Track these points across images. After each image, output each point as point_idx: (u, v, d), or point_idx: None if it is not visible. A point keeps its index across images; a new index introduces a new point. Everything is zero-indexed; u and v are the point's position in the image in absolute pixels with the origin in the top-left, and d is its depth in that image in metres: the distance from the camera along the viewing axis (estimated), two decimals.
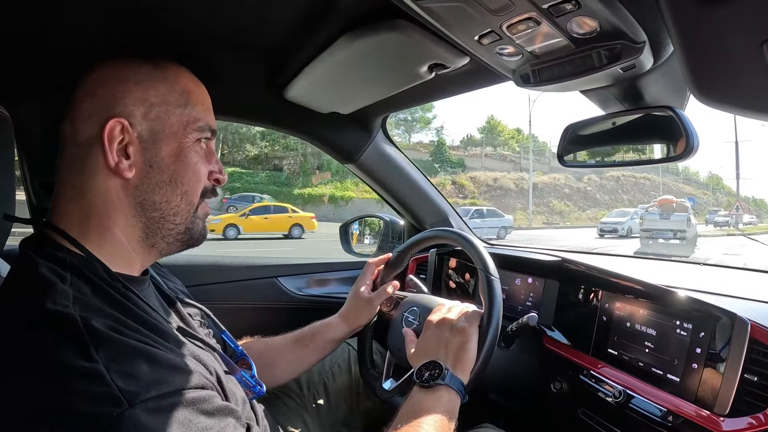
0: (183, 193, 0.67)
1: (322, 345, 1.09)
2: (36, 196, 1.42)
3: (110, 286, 0.59)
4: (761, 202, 58.68)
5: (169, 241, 0.69)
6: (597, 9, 0.59)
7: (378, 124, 1.45)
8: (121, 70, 0.66)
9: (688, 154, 0.82)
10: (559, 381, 1.10)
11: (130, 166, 0.63)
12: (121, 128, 0.62)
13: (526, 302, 1.28)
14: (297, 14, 0.83)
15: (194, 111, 0.68)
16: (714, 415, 0.77)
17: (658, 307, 0.94)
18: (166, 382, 0.51)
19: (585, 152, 1.01)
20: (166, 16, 0.81)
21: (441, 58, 0.86)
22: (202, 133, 0.69)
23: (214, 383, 0.60)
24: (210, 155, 0.72)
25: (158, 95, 0.66)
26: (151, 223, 0.66)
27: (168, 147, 0.66)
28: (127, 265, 0.66)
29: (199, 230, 0.72)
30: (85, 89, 0.65)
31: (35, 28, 0.81)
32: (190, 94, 0.69)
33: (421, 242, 1.24)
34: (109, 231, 0.64)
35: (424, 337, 0.93)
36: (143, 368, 0.50)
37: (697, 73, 0.59)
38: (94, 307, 0.54)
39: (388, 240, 1.78)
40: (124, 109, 0.63)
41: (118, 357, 0.50)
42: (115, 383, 0.47)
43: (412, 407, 0.77)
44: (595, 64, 0.70)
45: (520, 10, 0.61)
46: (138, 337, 0.54)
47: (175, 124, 0.66)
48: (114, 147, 0.62)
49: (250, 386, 0.80)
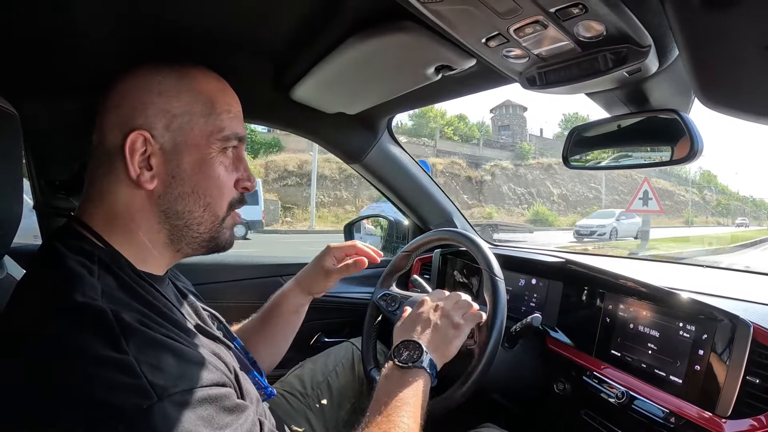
0: (206, 205, 0.67)
1: (285, 318, 1.08)
2: (42, 194, 1.43)
3: (135, 282, 0.60)
4: (761, 202, 56.07)
5: (194, 247, 0.70)
6: (603, 13, 0.60)
7: (384, 125, 1.45)
8: (146, 80, 0.66)
9: (692, 157, 0.82)
10: (562, 382, 1.10)
11: (152, 177, 0.64)
12: (143, 140, 0.63)
13: (530, 303, 1.28)
14: (304, 15, 0.83)
15: (218, 120, 0.68)
16: (716, 417, 0.78)
17: (661, 308, 0.95)
18: (192, 377, 0.52)
19: (590, 154, 1.02)
20: (174, 17, 0.81)
21: (448, 60, 0.87)
22: (228, 142, 0.69)
23: (232, 380, 0.61)
24: (238, 162, 0.72)
25: (181, 105, 0.66)
26: (175, 230, 0.67)
27: (190, 158, 0.66)
28: (151, 265, 0.67)
29: (226, 239, 0.72)
30: (111, 99, 0.66)
31: (45, 27, 0.81)
32: (215, 102, 0.68)
33: (425, 242, 1.25)
34: (134, 234, 0.65)
35: (416, 314, 0.92)
36: (170, 362, 0.51)
37: (702, 77, 0.59)
38: (121, 300, 0.55)
39: (393, 240, 1.78)
40: (146, 120, 0.64)
41: (147, 350, 0.51)
42: (145, 376, 0.48)
43: (388, 388, 0.76)
44: (601, 68, 0.71)
45: (527, 14, 0.61)
46: (163, 332, 0.54)
47: (198, 135, 0.66)
48: (136, 159, 0.63)
49: (261, 387, 0.81)
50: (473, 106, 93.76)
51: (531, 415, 1.27)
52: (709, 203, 50.24)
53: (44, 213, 1.46)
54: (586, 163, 1.02)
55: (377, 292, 1.25)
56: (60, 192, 1.44)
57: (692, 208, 44.92)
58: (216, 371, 0.57)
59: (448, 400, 0.96)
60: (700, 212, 46.90)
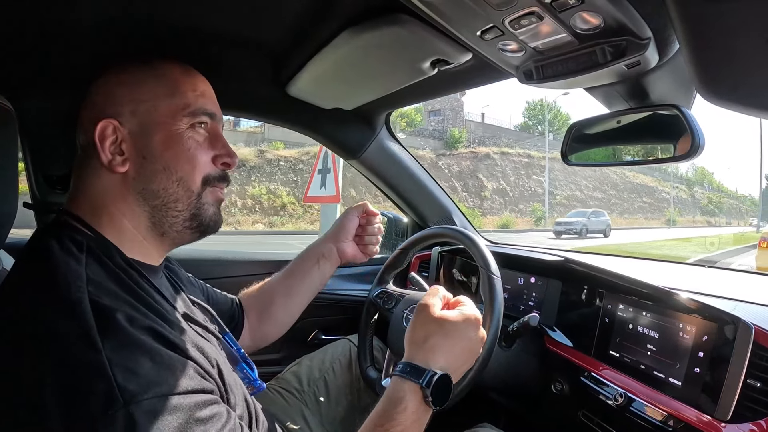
0: (179, 180, 0.68)
1: (308, 268, 1.12)
2: (39, 189, 1.43)
3: (124, 271, 0.61)
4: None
5: (178, 229, 0.70)
6: (600, 4, 0.58)
7: (382, 121, 1.44)
8: (115, 75, 0.70)
9: (693, 154, 0.80)
10: (560, 382, 1.09)
11: (124, 161, 0.66)
12: (113, 128, 0.66)
13: (529, 302, 1.27)
14: (299, 9, 0.82)
15: (183, 98, 0.69)
16: (715, 421, 0.76)
17: (661, 309, 0.93)
18: (167, 383, 0.51)
19: (589, 151, 1.00)
20: (169, 14, 0.82)
21: (443, 54, 0.86)
22: (195, 118, 0.70)
23: (215, 376, 0.61)
24: (215, 140, 0.73)
25: (146, 91, 0.68)
26: (155, 211, 0.68)
27: (158, 136, 0.67)
28: (141, 252, 0.68)
29: (209, 216, 0.72)
30: (87, 98, 0.70)
31: (41, 22, 0.81)
32: (178, 82, 0.70)
33: (423, 240, 1.24)
34: (118, 220, 0.67)
35: (443, 325, 0.74)
36: (146, 365, 0.50)
37: (704, 71, 0.58)
38: (107, 289, 0.56)
39: (391, 237, 1.77)
40: (114, 110, 0.67)
41: (123, 350, 0.50)
42: (115, 378, 0.47)
43: (396, 403, 0.68)
44: (600, 61, 0.69)
45: (522, 5, 0.60)
46: (147, 324, 0.54)
47: (163, 114, 0.68)
48: (106, 146, 0.65)
49: (251, 380, 0.80)
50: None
51: (528, 415, 1.25)
52: (699, 201, 47.73)
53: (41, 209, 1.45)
54: (585, 160, 1.00)
55: (374, 290, 1.25)
56: (57, 187, 1.44)
57: (678, 207, 42.38)
58: (195, 377, 0.55)
59: None
60: (688, 211, 44.26)
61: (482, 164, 29.46)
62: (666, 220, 37.93)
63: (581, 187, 34.72)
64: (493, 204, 28.17)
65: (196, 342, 0.62)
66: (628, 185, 38.87)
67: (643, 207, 38.53)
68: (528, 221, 28.05)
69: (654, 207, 39.64)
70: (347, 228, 1.14)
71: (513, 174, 30.77)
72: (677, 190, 45.18)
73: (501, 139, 33.75)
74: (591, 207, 29.62)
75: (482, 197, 27.82)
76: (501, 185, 29.52)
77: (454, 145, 29.66)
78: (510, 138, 34.83)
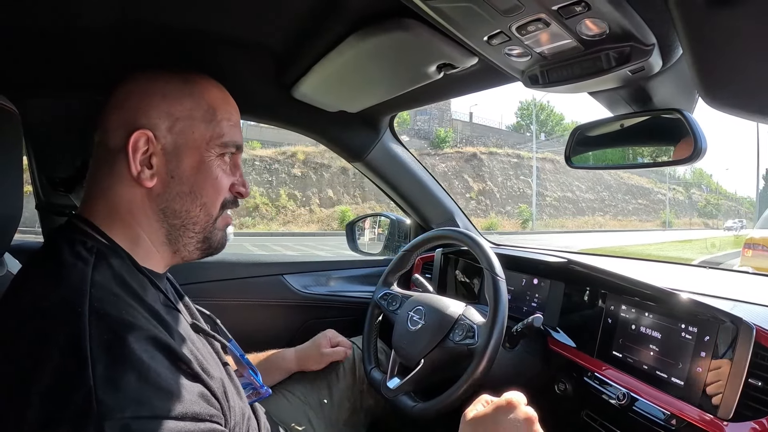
0: (202, 205, 0.69)
1: (273, 374, 1.16)
2: (43, 190, 1.43)
3: (133, 275, 0.61)
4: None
5: (190, 249, 0.71)
6: (606, 11, 0.59)
7: (386, 124, 1.45)
8: (151, 82, 0.68)
9: (696, 157, 0.81)
10: (563, 382, 1.10)
11: (152, 176, 0.66)
12: (146, 140, 0.65)
13: (532, 303, 1.28)
14: (305, 13, 0.83)
15: (219, 127, 0.70)
16: (717, 420, 0.77)
17: (664, 310, 0.94)
18: (149, 403, 0.48)
19: (593, 154, 1.01)
20: (175, 16, 0.82)
21: (449, 58, 0.86)
22: (226, 149, 0.71)
23: (218, 395, 0.59)
24: (235, 168, 0.74)
25: (184, 110, 0.68)
26: (173, 229, 0.69)
27: (190, 160, 0.68)
28: (152, 262, 0.68)
29: (218, 240, 0.74)
30: (115, 100, 0.68)
31: (45, 25, 0.82)
32: (216, 110, 0.70)
33: (427, 242, 1.25)
34: (135, 230, 0.67)
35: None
36: (131, 381, 0.48)
37: (706, 76, 0.59)
38: (112, 295, 0.55)
39: (395, 239, 1.78)
40: (149, 121, 0.66)
41: (111, 362, 0.48)
42: (95, 389, 0.46)
43: None
44: (604, 66, 0.70)
45: (529, 12, 0.60)
46: (149, 333, 0.53)
47: (198, 139, 0.68)
48: (138, 157, 0.65)
49: (256, 387, 0.81)
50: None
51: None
52: (696, 203, 47.07)
53: (46, 211, 1.46)
54: (588, 163, 1.01)
55: (378, 292, 1.25)
56: (60, 189, 1.44)
57: (674, 209, 41.39)
58: (191, 401, 0.52)
59: (448, 401, 0.96)
60: (684, 213, 43.36)
61: (468, 165, 28.99)
62: (661, 222, 37.39)
63: (573, 189, 34.08)
64: (479, 205, 27.54)
65: (202, 356, 0.62)
66: (623, 187, 38.31)
67: (638, 209, 37.93)
68: (515, 223, 27.31)
69: (649, 209, 39.09)
70: (314, 357, 1.20)
71: (501, 174, 30.20)
72: (674, 192, 44.36)
73: (489, 139, 33.04)
74: (585, 208, 28.93)
75: (467, 198, 27.16)
76: (488, 186, 28.90)
77: (440, 144, 29.51)
78: (500, 138, 34.11)
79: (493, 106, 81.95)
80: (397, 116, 1.48)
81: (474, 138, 32.76)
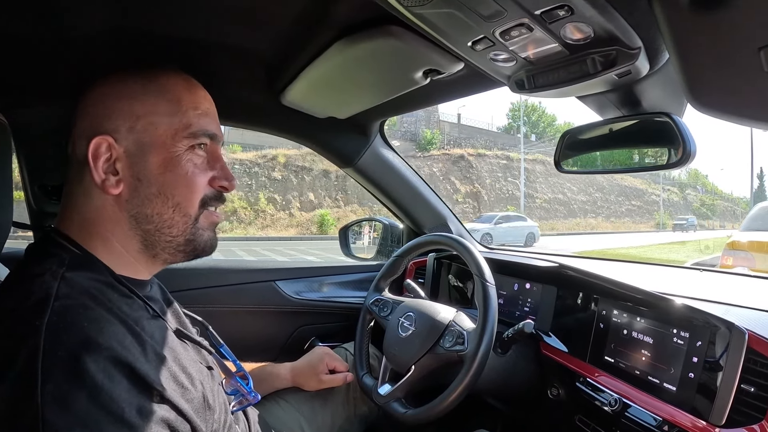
0: (175, 205, 0.65)
1: (265, 387, 1.11)
2: (35, 199, 1.43)
3: (111, 287, 0.60)
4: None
5: (171, 252, 0.68)
6: (590, 15, 0.58)
7: (376, 129, 1.44)
8: (112, 86, 0.66)
9: (685, 161, 0.81)
10: (556, 387, 1.09)
11: (118, 182, 0.63)
12: (107, 145, 0.63)
13: (524, 308, 1.27)
14: (292, 19, 0.82)
15: (185, 117, 0.66)
16: (710, 426, 0.76)
17: (656, 314, 0.93)
18: (96, 428, 0.46)
19: (582, 158, 1.01)
20: (163, 23, 0.81)
21: (435, 64, 0.86)
22: (196, 139, 0.67)
23: (188, 415, 0.57)
24: (214, 161, 0.70)
25: (145, 107, 0.65)
26: (147, 235, 0.66)
27: (156, 158, 0.64)
28: (131, 269, 0.66)
29: (205, 241, 0.70)
30: (82, 108, 0.66)
31: (35, 34, 0.81)
32: (180, 100, 0.67)
33: (417, 247, 1.25)
34: (109, 240, 0.64)
35: None
36: (80, 401, 0.46)
37: (693, 81, 0.58)
38: (77, 308, 0.53)
39: (387, 244, 1.77)
40: (110, 125, 0.63)
41: (62, 380, 0.46)
42: (42, 408, 0.44)
43: None
44: (590, 71, 0.69)
45: (512, 17, 0.60)
46: (112, 353, 0.51)
47: (163, 134, 0.65)
48: (99, 164, 0.62)
49: (244, 394, 0.80)
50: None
51: (525, 420, 1.25)
52: (692, 204, 46.35)
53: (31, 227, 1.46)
54: (578, 168, 1.01)
55: (370, 297, 1.25)
56: (53, 197, 1.44)
57: (669, 210, 40.88)
58: (134, 430, 0.49)
59: (439, 407, 0.95)
60: (679, 214, 41.75)
61: (455, 167, 28.27)
62: (656, 223, 36.97)
63: (564, 190, 33.48)
64: (466, 207, 26.60)
65: (181, 364, 0.60)
66: (616, 188, 37.85)
67: (632, 210, 37.57)
68: None
69: (643, 210, 38.69)
70: (311, 379, 1.15)
71: (489, 176, 29.42)
72: (668, 193, 44.09)
73: (478, 140, 32.44)
74: (576, 210, 28.37)
75: (454, 201, 26.19)
76: (475, 188, 28.13)
77: (426, 147, 28.63)
78: (489, 139, 33.61)
79: (483, 107, 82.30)
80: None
81: (462, 140, 31.74)
